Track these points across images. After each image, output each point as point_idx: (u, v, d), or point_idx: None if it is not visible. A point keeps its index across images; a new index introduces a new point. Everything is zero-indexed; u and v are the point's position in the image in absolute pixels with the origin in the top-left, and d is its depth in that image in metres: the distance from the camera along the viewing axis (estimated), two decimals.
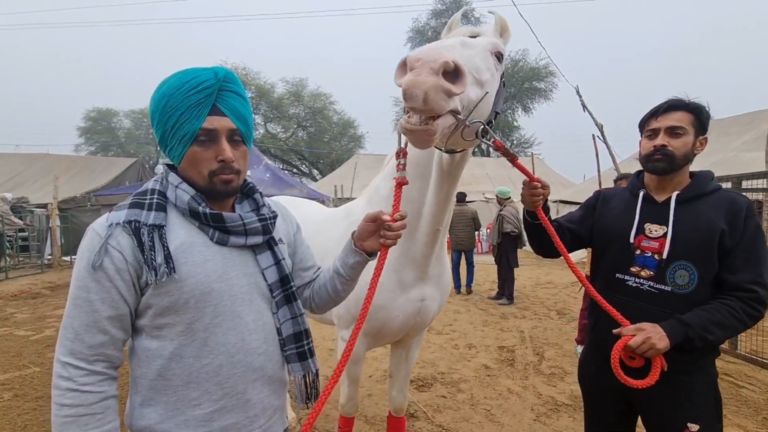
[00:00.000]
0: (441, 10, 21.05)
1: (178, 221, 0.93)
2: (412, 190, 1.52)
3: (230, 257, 0.96)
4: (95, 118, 30.52)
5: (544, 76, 20.27)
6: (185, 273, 0.89)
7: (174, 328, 0.90)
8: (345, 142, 28.23)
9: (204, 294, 0.90)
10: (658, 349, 1.23)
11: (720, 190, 1.38)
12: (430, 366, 3.94)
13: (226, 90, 0.92)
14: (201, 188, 0.94)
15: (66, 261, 10.78)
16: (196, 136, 0.89)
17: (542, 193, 1.40)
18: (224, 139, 0.92)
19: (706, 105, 1.38)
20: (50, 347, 4.52)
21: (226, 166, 0.92)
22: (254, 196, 1.07)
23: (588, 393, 1.62)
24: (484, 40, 1.24)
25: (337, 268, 1.13)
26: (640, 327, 1.28)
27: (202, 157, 0.91)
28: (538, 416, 2.97)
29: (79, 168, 14.62)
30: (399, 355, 2.15)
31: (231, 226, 0.95)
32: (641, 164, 1.47)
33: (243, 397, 0.95)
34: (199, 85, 0.88)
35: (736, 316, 1.26)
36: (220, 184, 0.93)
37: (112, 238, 0.86)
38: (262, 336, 0.99)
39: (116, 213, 0.90)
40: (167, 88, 0.90)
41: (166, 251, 0.87)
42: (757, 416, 2.95)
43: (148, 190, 0.94)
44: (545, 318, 5.69)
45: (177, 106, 0.88)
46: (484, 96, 1.12)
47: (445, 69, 0.92)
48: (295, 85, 25.72)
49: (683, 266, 1.32)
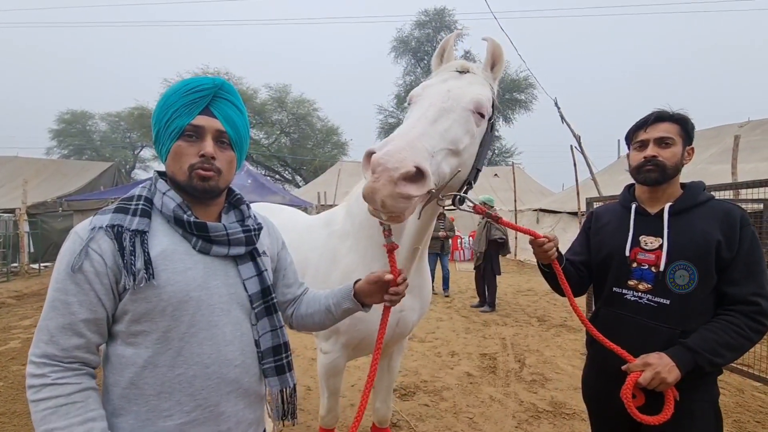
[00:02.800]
0: (424, 21, 21.45)
1: (162, 228, 0.94)
2: None
3: (212, 266, 0.96)
4: (69, 120, 29.43)
5: (524, 87, 20.85)
6: (164, 280, 0.88)
7: (149, 336, 0.89)
8: (328, 148, 28.16)
9: (181, 302, 0.89)
10: (668, 383, 1.20)
11: (713, 200, 1.38)
12: (413, 374, 3.92)
13: (221, 97, 0.97)
14: (181, 184, 0.95)
15: (34, 269, 10.31)
16: (183, 131, 0.93)
17: (552, 247, 1.36)
18: (210, 138, 0.95)
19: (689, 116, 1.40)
20: (15, 360, 4.28)
21: (206, 160, 0.93)
22: (241, 207, 1.08)
23: (593, 410, 1.59)
24: (466, 97, 1.22)
25: (329, 307, 1.16)
26: (646, 361, 1.24)
27: (185, 152, 0.93)
28: (519, 423, 2.99)
29: (51, 172, 14.10)
30: (381, 365, 2.13)
31: (214, 235, 0.95)
32: (632, 176, 1.47)
33: (216, 409, 0.93)
34: (196, 88, 0.94)
35: (742, 333, 1.23)
36: (197, 179, 0.93)
37: (93, 241, 0.87)
38: (239, 347, 0.97)
39: (100, 217, 0.90)
40: (169, 90, 0.96)
41: (147, 257, 0.87)
42: (727, 419, 3.04)
43: (135, 195, 0.95)
44: (526, 325, 5.76)
45: (173, 104, 0.93)
46: (457, 171, 1.16)
47: (405, 176, 0.94)
48: (279, 91, 25.58)
49: (683, 266, 1.31)
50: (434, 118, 1.13)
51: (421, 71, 22.31)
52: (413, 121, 1.12)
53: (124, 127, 29.26)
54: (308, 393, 3.43)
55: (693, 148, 1.42)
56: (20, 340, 4.96)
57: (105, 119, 30.35)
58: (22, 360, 4.28)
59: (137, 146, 30.21)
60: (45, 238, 11.10)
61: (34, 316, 6.18)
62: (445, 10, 21.23)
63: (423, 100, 1.23)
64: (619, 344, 1.38)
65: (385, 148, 0.96)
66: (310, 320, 1.19)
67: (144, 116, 22.42)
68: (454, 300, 7.37)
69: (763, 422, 3.02)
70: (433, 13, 21.29)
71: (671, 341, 1.31)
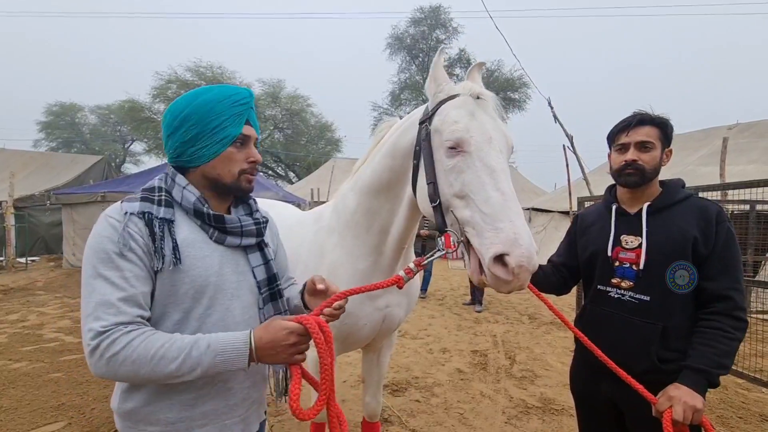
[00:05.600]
0: (419, 19, 21.36)
1: (182, 219, 1.01)
2: (382, 209, 1.57)
3: (225, 255, 1.05)
4: (57, 112, 28.82)
5: (518, 87, 20.90)
6: (188, 265, 0.97)
7: (171, 317, 0.96)
8: (322, 145, 27.99)
9: (202, 286, 0.98)
10: (701, 411, 1.22)
11: (690, 198, 1.41)
12: (404, 371, 3.95)
13: (252, 108, 1.09)
14: (227, 184, 1.05)
15: (21, 263, 10.14)
16: (234, 140, 1.03)
17: None
18: (253, 145, 1.08)
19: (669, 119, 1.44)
20: (2, 354, 4.23)
21: (255, 167, 1.08)
22: (249, 201, 1.18)
23: (580, 402, 1.63)
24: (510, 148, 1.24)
25: (289, 299, 1.23)
26: (669, 396, 1.24)
27: (236, 158, 1.04)
28: (509, 419, 3.03)
29: (39, 164, 13.85)
30: (370, 360, 2.16)
31: (230, 227, 1.05)
32: (613, 178, 1.51)
33: (225, 385, 1.02)
34: (241, 100, 1.05)
35: (731, 336, 1.27)
36: (245, 183, 1.07)
37: (132, 223, 0.93)
38: (247, 329, 1.01)
39: (130, 204, 0.96)
40: (213, 95, 1.02)
41: (174, 243, 0.95)
42: (711, 414, 3.12)
43: (155, 187, 1.02)
44: (517, 323, 5.82)
45: (221, 112, 1.01)
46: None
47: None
48: (272, 86, 25.32)
49: (683, 266, 1.34)
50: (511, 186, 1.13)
51: (415, 68, 22.24)
52: (509, 192, 1.09)
53: (114, 120, 28.71)
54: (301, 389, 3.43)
55: (671, 150, 1.46)
56: (7, 335, 4.89)
57: (95, 112, 29.78)
58: (8, 355, 4.23)
59: (127, 140, 29.75)
60: (32, 232, 10.91)
61: (20, 311, 6.09)
62: (440, 8, 21.14)
63: (493, 155, 1.14)
64: (604, 339, 1.43)
65: (519, 250, 0.99)
66: (293, 306, 1.25)
67: (134, 109, 21.96)
68: (446, 298, 7.42)
69: (745, 418, 3.10)
70: (429, 10, 21.20)
71: (652, 336, 1.35)
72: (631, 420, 1.43)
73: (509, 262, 0.99)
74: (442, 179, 1.20)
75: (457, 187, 1.15)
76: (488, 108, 1.24)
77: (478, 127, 1.18)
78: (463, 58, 21.04)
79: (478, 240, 1.07)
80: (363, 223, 1.63)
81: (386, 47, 22.25)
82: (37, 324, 5.44)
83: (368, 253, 1.64)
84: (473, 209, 1.10)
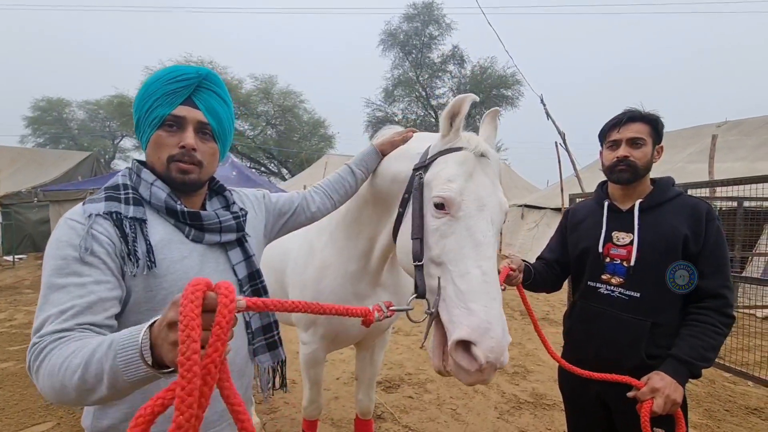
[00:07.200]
0: (412, 15, 21.28)
1: (154, 219, 0.92)
2: (372, 216, 1.53)
3: (205, 254, 0.98)
4: (44, 107, 28.26)
5: (510, 84, 20.94)
6: (165, 269, 0.89)
7: None
8: (315, 141, 27.84)
9: (181, 290, 0.88)
10: (678, 403, 1.25)
11: (681, 196, 1.43)
12: (397, 367, 3.95)
13: (205, 87, 0.95)
14: (159, 175, 0.94)
15: (8, 261, 9.97)
16: (164, 121, 0.91)
17: (516, 276, 1.52)
18: (191, 129, 0.93)
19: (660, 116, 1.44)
20: None
21: (186, 153, 0.92)
22: (224, 194, 1.09)
23: (569, 400, 1.64)
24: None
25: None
26: (653, 387, 1.26)
27: (165, 142, 0.92)
28: (501, 414, 3.05)
29: (25, 161, 13.58)
30: (363, 358, 2.16)
31: (207, 224, 0.96)
32: (605, 175, 1.52)
33: None
34: (179, 77, 0.91)
35: (718, 331, 1.30)
36: (175, 172, 0.92)
37: (96, 224, 0.84)
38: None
39: (92, 205, 0.87)
40: (151, 77, 0.93)
41: (148, 245, 0.87)
42: (698, 408, 3.18)
43: (120, 185, 0.92)
44: (509, 318, 5.86)
45: (155, 92, 0.91)
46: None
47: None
48: (265, 82, 25.08)
49: (684, 266, 1.35)
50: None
51: (408, 65, 22.16)
52: (491, 273, 1.00)
53: (103, 116, 28.24)
54: (293, 386, 3.42)
55: (662, 146, 1.47)
56: None
57: (83, 107, 29.27)
58: None
59: (117, 136, 29.28)
60: (19, 230, 10.71)
61: (8, 310, 5.98)
62: (433, 4, 21.07)
63: (481, 227, 1.05)
64: (593, 335, 1.45)
65: (489, 342, 0.90)
66: (323, 207, 1.41)
67: (124, 105, 21.65)
68: None
69: (732, 410, 3.16)
70: (422, 6, 21.13)
71: (642, 333, 1.36)
72: (619, 417, 1.44)
73: (476, 353, 0.90)
74: (430, 238, 1.09)
75: (435, 252, 1.05)
76: (489, 169, 1.14)
77: (473, 191, 1.08)
78: (457, 55, 21.03)
79: (446, 316, 0.98)
80: (353, 227, 1.62)
81: (379, 43, 22.15)
82: (24, 323, 5.35)
83: (359, 257, 1.62)
84: (447, 280, 1.01)
